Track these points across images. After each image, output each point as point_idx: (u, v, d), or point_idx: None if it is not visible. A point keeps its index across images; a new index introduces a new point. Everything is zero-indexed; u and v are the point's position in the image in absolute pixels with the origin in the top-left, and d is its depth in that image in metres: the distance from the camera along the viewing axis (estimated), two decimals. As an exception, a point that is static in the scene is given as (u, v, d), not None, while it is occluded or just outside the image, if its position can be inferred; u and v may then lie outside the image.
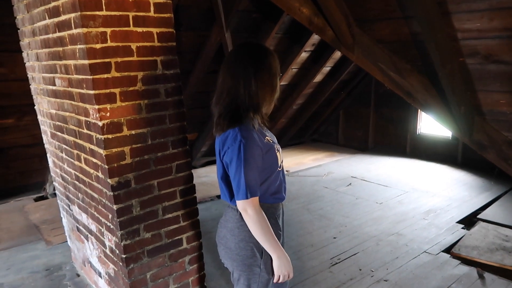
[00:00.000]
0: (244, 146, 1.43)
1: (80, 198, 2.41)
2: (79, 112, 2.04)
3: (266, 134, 1.59)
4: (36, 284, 2.83)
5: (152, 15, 1.94)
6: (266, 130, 1.63)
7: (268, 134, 1.62)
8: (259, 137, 1.51)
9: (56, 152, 2.62)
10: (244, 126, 1.48)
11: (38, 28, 2.26)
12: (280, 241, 1.65)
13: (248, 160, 1.44)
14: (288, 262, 1.56)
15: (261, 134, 1.55)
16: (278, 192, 1.64)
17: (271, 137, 1.63)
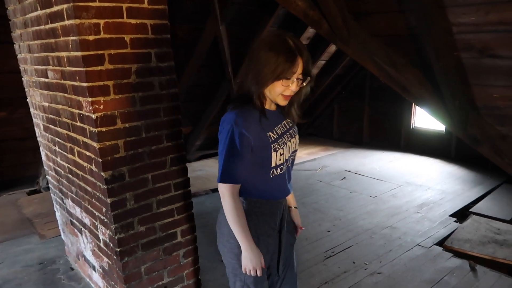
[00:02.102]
0: (231, 131, 1.42)
1: (74, 191, 2.39)
2: (72, 104, 2.02)
3: (272, 129, 1.51)
4: (29, 278, 2.82)
5: (146, 6, 1.91)
6: (280, 126, 1.55)
7: (279, 130, 1.54)
8: (256, 129, 1.45)
9: (49, 146, 2.60)
10: (242, 112, 1.44)
11: (30, 19, 2.23)
12: (276, 240, 1.64)
13: (231, 146, 1.43)
14: (256, 257, 1.51)
15: (265, 127, 1.48)
16: (269, 191, 1.57)
17: (279, 134, 1.53)
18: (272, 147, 1.49)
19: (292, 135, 1.61)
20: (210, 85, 5.19)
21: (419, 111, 6.14)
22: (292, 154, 1.63)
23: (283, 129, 1.57)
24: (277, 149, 1.51)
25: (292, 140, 1.60)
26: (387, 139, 6.51)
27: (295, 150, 1.65)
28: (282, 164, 1.54)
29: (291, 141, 1.59)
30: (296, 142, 1.64)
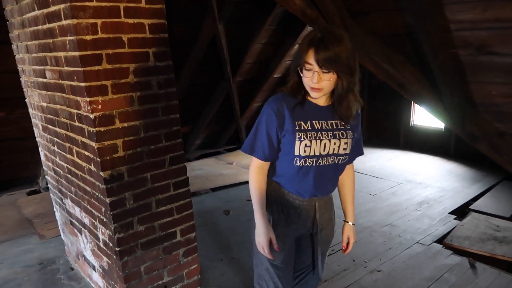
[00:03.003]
0: (264, 109, 1.55)
1: (73, 191, 2.39)
2: (71, 104, 2.02)
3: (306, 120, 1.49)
4: (29, 278, 2.82)
5: (144, 6, 1.91)
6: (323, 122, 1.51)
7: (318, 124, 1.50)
8: (286, 113, 1.49)
9: (48, 146, 2.60)
10: (280, 96, 1.53)
11: (28, 19, 2.23)
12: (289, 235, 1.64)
13: (259, 121, 1.55)
14: (265, 234, 1.55)
15: (298, 115, 1.49)
16: (294, 184, 1.57)
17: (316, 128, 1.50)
18: (297, 134, 1.50)
19: (337, 136, 1.52)
20: (208, 84, 5.20)
21: (418, 109, 6.14)
22: (331, 156, 1.53)
23: (326, 126, 1.52)
24: (302, 139, 1.49)
25: (334, 141, 1.52)
26: (386, 137, 6.51)
27: (339, 154, 1.54)
28: (307, 156, 1.51)
29: (331, 141, 1.51)
30: (340, 146, 1.53)
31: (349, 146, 1.56)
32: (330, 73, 1.39)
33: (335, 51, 1.35)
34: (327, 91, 1.45)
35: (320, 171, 1.56)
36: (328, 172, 1.59)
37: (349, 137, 1.55)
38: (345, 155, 1.57)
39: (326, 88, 1.42)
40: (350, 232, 1.76)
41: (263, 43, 5.08)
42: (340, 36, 1.38)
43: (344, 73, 1.39)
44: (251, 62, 5.26)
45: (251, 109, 6.04)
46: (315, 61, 1.37)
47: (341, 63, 1.37)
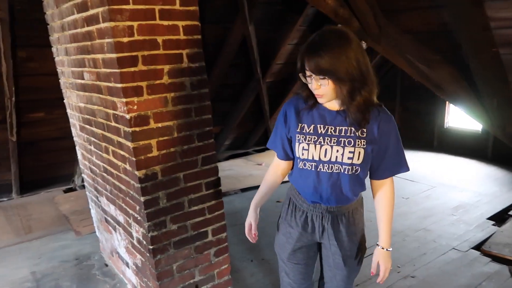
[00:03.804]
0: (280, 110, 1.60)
1: (108, 190, 2.46)
2: (107, 105, 2.07)
3: (311, 123, 1.47)
4: (66, 273, 2.92)
5: (178, 8, 1.94)
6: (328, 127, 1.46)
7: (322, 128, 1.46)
8: (295, 115, 1.52)
9: (85, 145, 2.68)
10: (296, 97, 1.55)
11: (67, 23, 2.30)
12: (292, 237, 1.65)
13: (276, 122, 1.62)
14: (247, 219, 1.75)
15: (305, 118, 1.49)
16: (300, 185, 1.58)
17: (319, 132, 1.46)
18: (297, 137, 1.50)
19: (342, 143, 1.43)
20: (238, 85, 5.22)
21: (453, 110, 5.94)
22: (334, 163, 1.46)
23: (332, 132, 1.45)
24: (301, 141, 1.49)
25: (336, 148, 1.44)
26: (419, 139, 6.33)
27: (344, 163, 1.44)
28: (306, 160, 1.50)
29: (333, 148, 1.44)
30: (344, 154, 1.43)
31: (357, 156, 1.43)
32: (326, 79, 1.34)
33: (327, 58, 1.29)
34: (331, 96, 1.39)
35: (321, 177, 1.49)
36: (332, 181, 1.48)
37: (358, 146, 1.42)
38: (352, 166, 1.44)
39: (328, 94, 1.37)
40: (381, 257, 1.57)
41: (293, 44, 5.06)
42: (336, 40, 1.31)
43: (340, 79, 1.32)
44: (281, 63, 5.24)
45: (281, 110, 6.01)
46: (308, 68, 1.35)
47: (335, 70, 1.31)
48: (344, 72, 1.31)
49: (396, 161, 1.52)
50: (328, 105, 1.46)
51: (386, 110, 1.47)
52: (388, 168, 1.52)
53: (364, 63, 1.35)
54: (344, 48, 1.31)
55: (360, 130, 1.43)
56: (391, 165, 1.52)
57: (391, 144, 1.48)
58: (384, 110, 1.46)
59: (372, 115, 1.42)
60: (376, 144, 1.44)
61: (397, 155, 1.51)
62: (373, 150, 1.45)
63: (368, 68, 1.36)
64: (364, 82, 1.35)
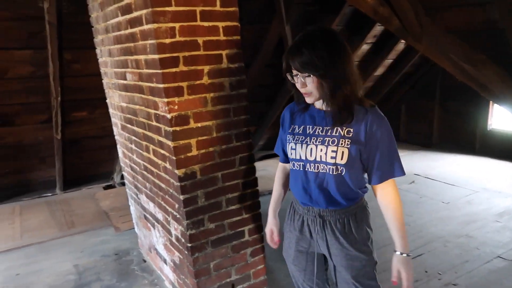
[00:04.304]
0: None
1: (148, 187, 2.52)
2: (149, 105, 2.12)
3: (301, 124, 1.52)
4: (107, 267, 3.02)
5: (218, 9, 1.96)
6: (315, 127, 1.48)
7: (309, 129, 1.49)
8: (290, 116, 1.59)
9: (126, 144, 2.76)
10: (293, 102, 1.60)
11: (111, 25, 2.38)
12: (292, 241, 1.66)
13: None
14: (267, 224, 1.83)
15: (298, 119, 1.55)
16: (292, 185, 1.60)
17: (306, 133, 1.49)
18: (288, 137, 1.56)
19: (326, 143, 1.44)
20: (273, 85, 5.21)
21: (498, 111, 5.66)
22: (319, 163, 1.46)
23: (319, 132, 1.47)
24: (290, 141, 1.54)
25: (320, 147, 1.44)
26: (460, 141, 6.09)
27: (328, 162, 1.43)
28: (294, 159, 1.54)
29: (318, 147, 1.45)
30: (327, 153, 1.43)
31: (341, 156, 1.41)
32: (311, 77, 1.36)
33: (308, 55, 1.33)
34: (317, 95, 1.41)
35: (309, 177, 1.51)
36: (319, 181, 1.48)
37: (341, 145, 1.41)
38: (335, 165, 1.43)
39: (314, 92, 1.40)
40: (399, 264, 1.48)
41: (329, 44, 5.00)
42: (318, 38, 1.35)
43: (322, 76, 1.35)
44: (317, 63, 5.20)
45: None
46: (294, 67, 1.39)
47: (316, 66, 1.33)
48: (325, 68, 1.34)
49: (388, 164, 1.46)
50: (318, 105, 1.49)
51: (377, 110, 1.45)
52: (380, 171, 1.46)
53: (346, 60, 1.38)
54: (326, 45, 1.34)
55: (346, 129, 1.42)
56: (383, 168, 1.45)
57: (381, 146, 1.43)
58: (374, 110, 1.43)
59: (359, 114, 1.41)
60: (362, 145, 1.42)
61: (389, 158, 1.46)
62: (359, 151, 1.43)
63: (351, 65, 1.40)
64: (346, 79, 1.37)
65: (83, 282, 2.83)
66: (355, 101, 1.41)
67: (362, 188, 1.54)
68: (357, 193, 1.51)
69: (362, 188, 1.54)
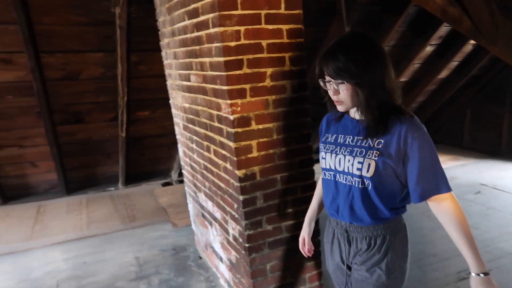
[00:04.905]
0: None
1: (207, 186, 2.58)
2: (212, 106, 2.18)
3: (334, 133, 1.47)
4: (165, 261, 3.14)
5: (283, 12, 1.97)
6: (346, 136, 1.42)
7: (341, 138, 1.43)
8: (326, 125, 1.55)
9: (187, 143, 2.85)
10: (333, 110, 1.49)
11: (178, 28, 2.47)
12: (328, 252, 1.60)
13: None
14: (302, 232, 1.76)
15: (332, 128, 1.50)
16: (324, 196, 1.54)
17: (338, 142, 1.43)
18: (320, 146, 1.51)
19: (354, 153, 1.35)
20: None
21: None
22: (347, 174, 1.38)
23: (350, 142, 1.39)
24: (321, 150, 1.50)
25: (348, 158, 1.36)
26: (534, 151, 5.62)
27: (354, 174, 1.35)
28: (325, 169, 1.48)
29: (346, 158, 1.37)
30: (354, 165, 1.34)
31: (367, 168, 1.31)
32: (345, 84, 1.29)
33: (344, 61, 1.25)
34: (350, 103, 1.33)
35: (339, 188, 1.43)
36: (345, 193, 1.40)
37: (369, 157, 1.31)
38: (361, 178, 1.33)
39: (347, 100, 1.32)
40: (477, 286, 1.28)
41: (391, 46, 4.83)
42: (355, 43, 1.28)
43: (358, 84, 1.27)
44: (376, 66, 5.06)
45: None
46: (327, 72, 1.31)
47: (352, 73, 1.25)
48: (361, 76, 1.26)
49: (431, 179, 1.30)
50: (352, 114, 1.42)
51: (414, 121, 1.31)
52: (421, 188, 1.30)
53: (384, 67, 1.29)
54: (363, 50, 1.27)
55: (376, 140, 1.32)
56: (425, 184, 1.29)
57: (420, 160, 1.28)
58: (410, 120, 1.30)
59: (393, 125, 1.30)
60: (391, 158, 1.29)
61: (432, 172, 1.30)
62: (389, 165, 1.30)
63: (388, 72, 1.30)
64: (383, 88, 1.29)
65: (143, 274, 2.96)
66: (391, 112, 1.31)
67: (396, 209, 1.39)
68: (387, 213, 1.37)
69: (396, 209, 1.39)
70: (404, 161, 1.30)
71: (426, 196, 1.31)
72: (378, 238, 1.40)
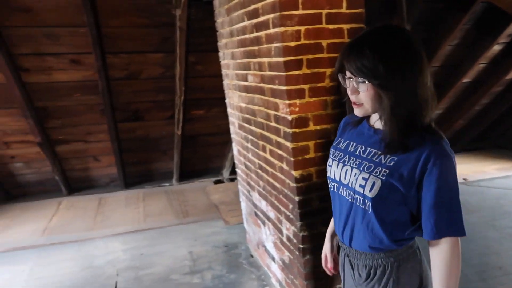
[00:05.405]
0: None
1: (261, 186, 2.60)
2: (269, 106, 2.19)
3: (346, 139, 1.29)
4: (217, 257, 3.20)
5: (344, 11, 1.94)
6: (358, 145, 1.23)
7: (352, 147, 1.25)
8: (340, 130, 1.38)
9: (242, 142, 2.89)
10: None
11: (236, 29, 2.51)
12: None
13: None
14: (324, 249, 1.56)
15: (347, 134, 1.31)
16: (333, 212, 1.36)
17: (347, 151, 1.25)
18: (330, 150, 1.35)
19: (361, 167, 1.17)
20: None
21: None
22: (350, 189, 1.19)
23: (361, 153, 1.20)
24: (329, 155, 1.33)
25: (355, 171, 1.18)
26: None
27: (356, 190, 1.16)
28: (329, 178, 1.31)
29: (352, 170, 1.19)
30: (358, 179, 1.16)
31: (370, 187, 1.12)
32: (366, 84, 1.08)
33: (371, 57, 1.04)
34: (369, 107, 1.12)
35: (342, 202, 1.26)
36: (347, 210, 1.23)
37: (375, 174, 1.12)
38: (363, 197, 1.14)
39: (366, 103, 1.11)
40: None
41: (454, 45, 4.59)
42: (386, 38, 1.08)
43: (383, 86, 1.06)
44: (437, 66, 4.81)
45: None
46: (348, 68, 1.11)
47: (378, 73, 1.04)
48: (390, 78, 1.05)
49: (445, 217, 1.08)
50: (372, 121, 1.22)
51: (442, 143, 1.08)
52: (430, 224, 1.10)
53: (419, 71, 1.07)
54: (397, 49, 1.06)
55: (389, 157, 1.11)
56: (437, 221, 1.09)
57: (437, 191, 1.07)
58: (437, 142, 1.08)
59: (413, 142, 1.09)
60: (402, 181, 1.09)
61: (448, 208, 1.09)
62: (398, 188, 1.10)
63: (423, 79, 1.07)
64: (414, 96, 1.06)
65: (197, 269, 3.04)
66: (418, 128, 1.09)
67: (400, 241, 1.17)
68: (389, 244, 1.17)
69: (400, 241, 1.17)
70: (419, 188, 1.10)
71: (437, 235, 1.10)
72: (378, 268, 1.21)
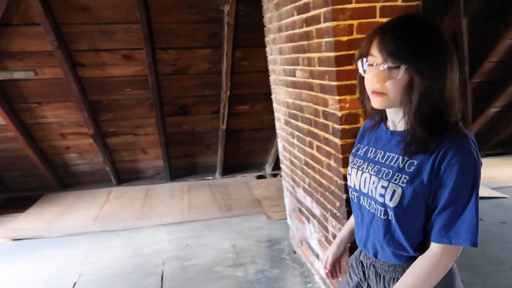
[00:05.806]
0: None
1: (307, 182, 2.58)
2: (317, 102, 2.16)
3: (366, 145, 1.22)
4: (260, 252, 3.22)
5: (400, 4, 1.87)
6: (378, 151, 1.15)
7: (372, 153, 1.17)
8: (361, 133, 1.30)
9: (288, 138, 2.88)
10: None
11: (285, 24, 2.50)
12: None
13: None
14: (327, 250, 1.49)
15: (366, 138, 1.24)
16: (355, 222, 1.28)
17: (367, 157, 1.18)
18: (349, 159, 1.29)
19: (380, 174, 1.09)
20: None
21: None
22: (370, 198, 1.12)
23: (380, 159, 1.12)
24: (349, 163, 1.28)
25: (373, 179, 1.10)
26: None
27: (376, 200, 1.08)
28: (350, 187, 1.24)
29: (371, 178, 1.11)
30: (377, 188, 1.07)
31: (390, 195, 1.03)
32: (399, 70, 0.96)
33: (409, 41, 0.95)
34: (396, 98, 1.00)
35: (362, 213, 1.18)
36: (368, 221, 1.15)
37: (395, 182, 1.03)
38: (384, 207, 1.06)
39: (393, 93, 0.99)
40: None
41: (514, 39, 4.32)
42: (422, 27, 0.98)
43: (420, 72, 0.95)
44: (495, 61, 4.55)
45: (486, 115, 5.24)
46: (378, 50, 0.99)
47: (417, 57, 0.94)
48: (429, 64, 0.95)
49: (450, 220, 0.99)
50: (390, 123, 1.13)
51: (464, 143, 0.98)
52: (437, 227, 1.01)
53: (450, 66, 0.98)
54: (432, 37, 0.97)
55: (408, 161, 1.03)
56: (441, 224, 1.00)
57: (450, 190, 0.97)
58: (458, 141, 0.98)
59: (435, 144, 0.99)
60: (422, 185, 1.00)
61: (456, 212, 0.98)
62: (421, 194, 1.01)
63: (454, 76, 0.99)
64: (442, 92, 0.97)
65: (240, 262, 3.08)
66: (441, 128, 1.00)
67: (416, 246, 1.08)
68: (415, 255, 1.08)
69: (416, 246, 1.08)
70: (436, 191, 1.00)
71: (438, 238, 1.01)
72: (391, 281, 1.13)
